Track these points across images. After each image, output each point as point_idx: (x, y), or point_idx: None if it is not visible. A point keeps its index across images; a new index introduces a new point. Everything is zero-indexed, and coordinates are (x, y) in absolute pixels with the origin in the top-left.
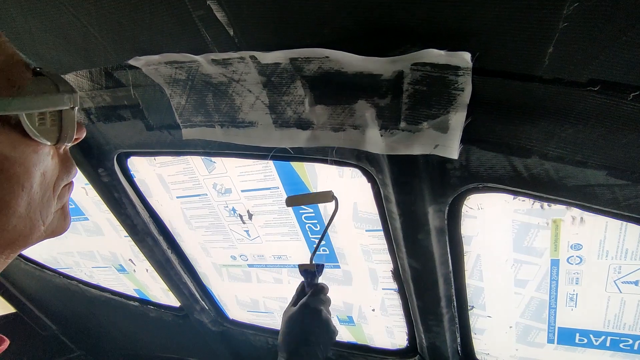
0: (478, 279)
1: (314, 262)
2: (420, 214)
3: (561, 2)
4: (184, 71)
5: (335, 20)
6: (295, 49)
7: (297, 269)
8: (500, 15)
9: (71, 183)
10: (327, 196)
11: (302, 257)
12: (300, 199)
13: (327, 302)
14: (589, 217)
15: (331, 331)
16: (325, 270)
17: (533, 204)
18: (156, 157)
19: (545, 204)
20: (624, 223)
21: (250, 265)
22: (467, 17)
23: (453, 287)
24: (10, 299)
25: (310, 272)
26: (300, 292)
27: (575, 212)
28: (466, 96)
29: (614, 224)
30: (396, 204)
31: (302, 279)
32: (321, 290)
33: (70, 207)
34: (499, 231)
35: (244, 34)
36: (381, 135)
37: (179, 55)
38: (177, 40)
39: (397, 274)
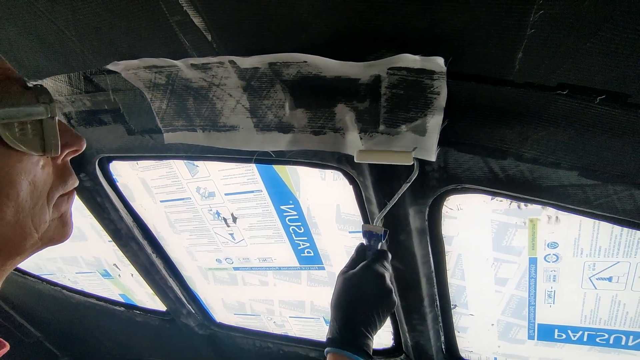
0: (460, 278)
1: (380, 226)
2: (401, 216)
3: (527, 9)
4: (163, 76)
5: (312, 26)
6: (274, 53)
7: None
8: (472, 21)
9: (71, 193)
10: (407, 157)
11: (287, 259)
12: (374, 155)
13: (389, 270)
14: (564, 216)
15: (392, 301)
16: (310, 272)
17: (510, 204)
18: (138, 162)
19: (522, 204)
20: (597, 221)
21: (235, 268)
22: (440, 23)
23: (435, 286)
24: None
25: (375, 234)
26: (359, 255)
27: (551, 211)
28: (442, 100)
29: (588, 222)
30: (377, 205)
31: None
32: (385, 255)
33: None
34: (479, 231)
35: (222, 39)
36: (361, 139)
37: (158, 60)
38: (155, 45)
39: None
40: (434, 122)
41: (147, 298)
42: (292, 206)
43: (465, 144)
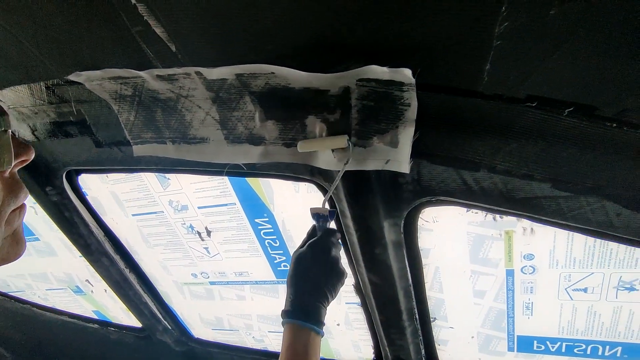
0: (438, 291)
1: (326, 207)
2: (376, 229)
3: (493, 20)
4: (129, 87)
5: (278, 37)
6: (241, 64)
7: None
8: (438, 32)
9: (22, 207)
10: (341, 141)
11: (263, 273)
12: (313, 143)
13: (337, 245)
14: (539, 227)
15: (339, 271)
16: None
17: (486, 216)
18: (108, 175)
19: (497, 216)
20: (571, 233)
21: (212, 283)
22: (407, 34)
23: (414, 299)
24: None
25: (322, 215)
26: (311, 234)
27: (526, 223)
28: (413, 111)
29: (562, 234)
30: (352, 218)
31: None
32: (332, 233)
33: None
34: (455, 243)
35: (186, 50)
36: (332, 151)
37: (122, 70)
38: (118, 56)
39: (358, 288)
40: (406, 133)
41: (122, 314)
42: (267, 219)
43: (438, 155)
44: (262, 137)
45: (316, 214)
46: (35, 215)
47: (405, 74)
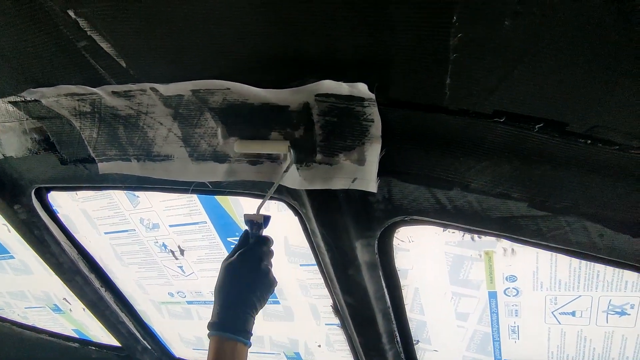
0: (419, 313)
1: (261, 214)
2: (348, 249)
3: (445, 32)
4: (87, 103)
5: (230, 51)
6: (195, 80)
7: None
8: (392, 46)
9: None
10: (282, 146)
11: None
12: (252, 144)
13: (269, 253)
14: (520, 248)
15: (269, 281)
16: (266, 306)
17: (463, 235)
18: (77, 192)
19: (476, 236)
20: (554, 254)
21: (189, 302)
22: (361, 48)
23: (394, 322)
24: None
25: (256, 223)
26: (243, 241)
27: (506, 243)
28: (377, 127)
29: (545, 255)
30: (322, 238)
31: None
32: (264, 241)
33: None
34: (434, 264)
35: (137, 66)
36: (297, 169)
37: (76, 87)
38: (70, 72)
39: (336, 309)
40: (372, 150)
41: (101, 332)
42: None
43: (409, 173)
44: (226, 154)
45: (250, 221)
46: (8, 233)
47: (362, 89)
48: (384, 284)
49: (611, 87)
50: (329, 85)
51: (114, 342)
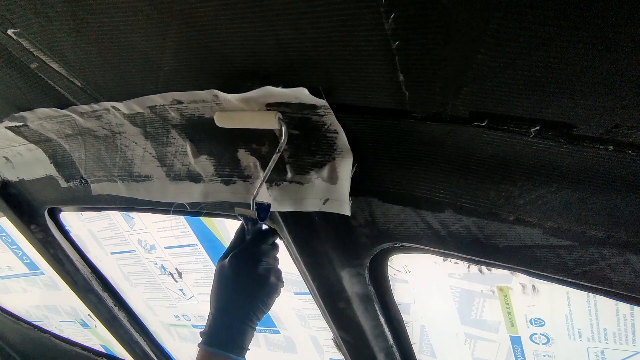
0: (430, 355)
1: (256, 203)
2: (334, 279)
3: (373, 12)
4: (66, 125)
5: (164, 63)
6: (143, 96)
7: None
8: (320, 37)
9: None
10: (271, 119)
11: None
12: (235, 117)
13: (270, 250)
14: (543, 285)
15: (270, 285)
16: (266, 335)
17: (469, 267)
18: (82, 213)
19: (484, 268)
20: (591, 295)
21: (194, 326)
22: (287, 46)
23: None
24: None
25: (251, 218)
26: (238, 238)
27: (523, 278)
28: (342, 139)
29: (578, 295)
30: (304, 266)
31: None
32: (263, 236)
33: (25, 261)
34: (438, 299)
35: (90, 85)
36: (268, 189)
37: (50, 110)
38: (37, 95)
39: (337, 344)
40: (344, 166)
41: (123, 350)
42: None
43: (390, 193)
44: (199, 174)
45: (243, 215)
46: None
47: (303, 93)
48: (382, 320)
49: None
50: (273, 92)
51: None
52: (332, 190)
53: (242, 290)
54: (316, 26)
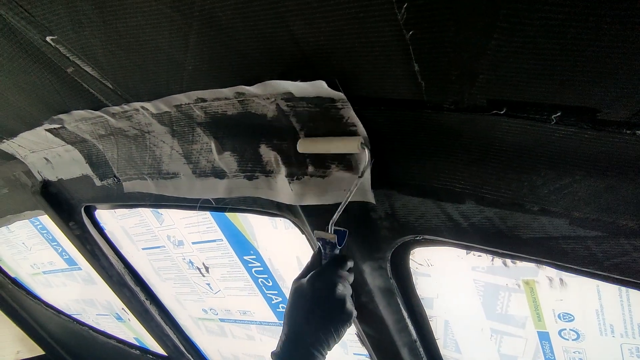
0: (454, 350)
1: (334, 228)
2: (355, 273)
3: (388, 2)
4: (99, 126)
5: (187, 62)
6: (172, 95)
7: (276, 318)
8: (336, 31)
9: None
10: (353, 144)
11: (263, 314)
12: (318, 143)
13: (346, 278)
14: (571, 278)
15: (346, 312)
16: None
17: (493, 260)
18: (116, 210)
19: (509, 261)
20: (623, 288)
21: (222, 320)
22: (303, 41)
23: (424, 358)
24: (40, 341)
25: (329, 242)
26: (314, 262)
27: (550, 271)
28: (361, 131)
29: (609, 288)
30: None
31: None
32: (340, 262)
33: (64, 257)
34: (462, 293)
35: (120, 86)
36: (289, 183)
37: (85, 112)
38: (73, 98)
39: (361, 339)
40: (363, 158)
41: (155, 343)
42: (255, 257)
43: (409, 185)
44: (223, 170)
45: (322, 239)
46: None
47: (322, 86)
48: (405, 314)
49: None
50: (287, 86)
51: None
52: (354, 181)
53: (318, 314)
54: (329, 19)
